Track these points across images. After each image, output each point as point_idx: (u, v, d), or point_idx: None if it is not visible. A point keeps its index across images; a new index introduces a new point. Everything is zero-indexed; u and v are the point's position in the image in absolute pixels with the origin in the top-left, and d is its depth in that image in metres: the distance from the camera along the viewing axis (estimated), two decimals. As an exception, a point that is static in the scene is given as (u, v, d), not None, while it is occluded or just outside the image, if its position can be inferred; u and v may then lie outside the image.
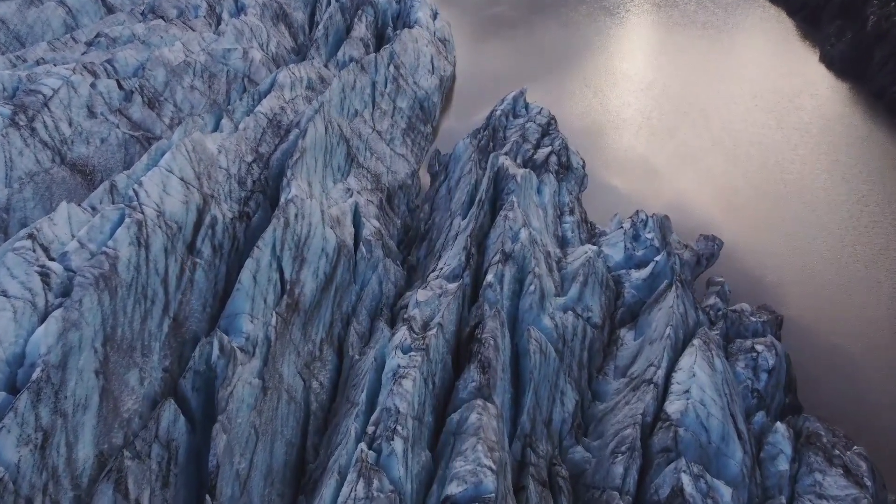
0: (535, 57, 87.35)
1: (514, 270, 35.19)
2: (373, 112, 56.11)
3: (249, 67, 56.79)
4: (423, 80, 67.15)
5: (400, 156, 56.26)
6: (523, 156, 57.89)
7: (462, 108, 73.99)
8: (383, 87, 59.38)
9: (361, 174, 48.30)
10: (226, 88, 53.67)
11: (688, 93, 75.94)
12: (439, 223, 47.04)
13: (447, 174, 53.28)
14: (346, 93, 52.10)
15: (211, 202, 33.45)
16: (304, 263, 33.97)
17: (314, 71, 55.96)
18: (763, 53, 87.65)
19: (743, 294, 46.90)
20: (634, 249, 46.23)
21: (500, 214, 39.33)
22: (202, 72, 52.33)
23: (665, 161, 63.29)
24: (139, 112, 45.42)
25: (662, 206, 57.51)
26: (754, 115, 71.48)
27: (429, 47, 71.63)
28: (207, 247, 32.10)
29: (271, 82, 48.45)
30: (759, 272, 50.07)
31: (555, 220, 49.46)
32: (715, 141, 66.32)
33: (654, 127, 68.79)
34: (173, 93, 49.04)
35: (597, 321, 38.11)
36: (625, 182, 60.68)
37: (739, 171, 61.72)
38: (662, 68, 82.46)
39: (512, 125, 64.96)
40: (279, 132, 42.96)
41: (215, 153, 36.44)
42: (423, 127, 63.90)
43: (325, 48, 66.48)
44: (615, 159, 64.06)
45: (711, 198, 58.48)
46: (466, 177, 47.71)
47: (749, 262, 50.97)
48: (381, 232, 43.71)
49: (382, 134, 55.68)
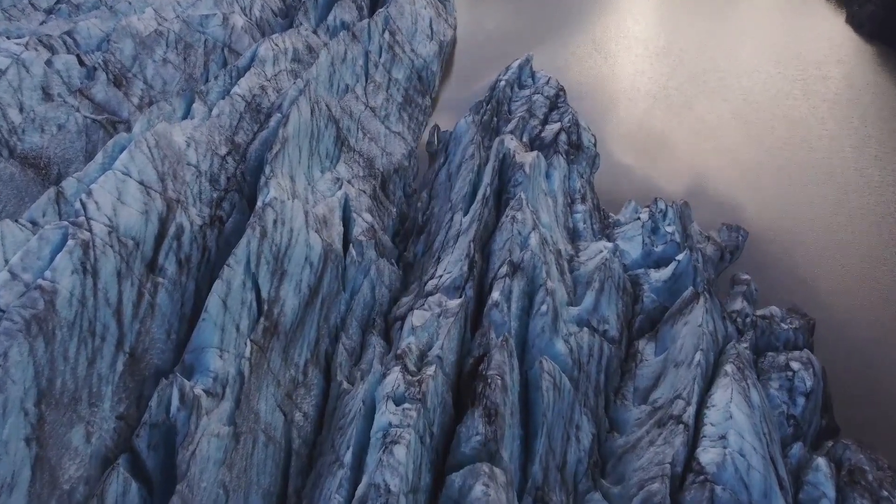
0: (541, 15, 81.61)
1: (523, 284, 31.11)
2: (366, 86, 51.20)
3: (230, 35, 51.62)
4: (421, 47, 61.88)
5: (396, 134, 51.55)
6: (530, 133, 53.17)
7: (464, 75, 68.81)
8: (377, 57, 54.29)
9: (353, 159, 43.78)
10: (203, 60, 48.66)
11: (705, 59, 70.64)
12: (438, 215, 42.74)
13: (447, 156, 48.70)
14: (335, 66, 47.14)
15: (177, 208, 29.13)
16: (284, 277, 29.85)
17: (301, 40, 50.82)
18: (784, 14, 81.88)
19: (770, 290, 42.89)
20: (653, 244, 42.04)
21: (507, 214, 35.04)
22: (176, 42, 47.27)
23: (682, 136, 58.56)
24: (103, 92, 40.64)
25: (680, 189, 53.19)
26: (777, 83, 66.41)
27: (427, 10, 66.08)
28: (172, 263, 27.93)
29: (251, 57, 43.51)
30: (787, 265, 45.95)
31: (565, 209, 45.15)
32: (735, 113, 61.47)
33: (670, 98, 63.78)
34: (143, 68, 44.14)
35: (614, 334, 34.19)
36: (639, 160, 56.05)
37: (763, 148, 57.05)
38: (678, 31, 76.86)
39: (517, 97, 60.01)
40: (259, 117, 38.32)
41: (183, 147, 31.94)
42: (422, 99, 58.96)
43: (314, 12, 60.98)
44: (629, 134, 59.29)
45: (733, 178, 53.95)
46: (468, 162, 43.19)
47: (775, 254, 46.83)
48: (373, 227, 39.46)
49: (376, 110, 50.88)
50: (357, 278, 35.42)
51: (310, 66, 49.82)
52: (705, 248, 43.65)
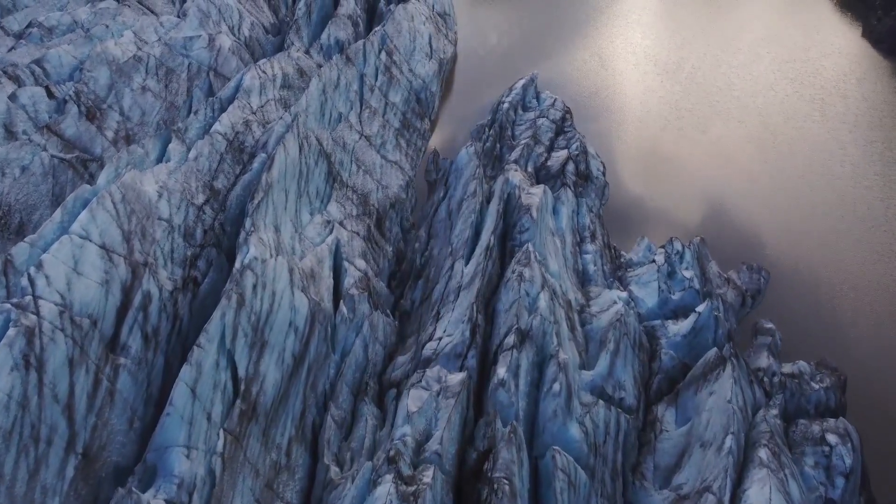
0: (545, 27, 78.33)
1: (532, 354, 27.95)
2: (360, 113, 47.98)
3: (216, 58, 48.42)
4: (419, 67, 58.65)
5: (392, 163, 48.36)
6: (535, 162, 50.01)
7: (465, 93, 65.53)
8: (373, 80, 51.06)
9: (346, 196, 40.57)
10: (186, 86, 45.46)
11: (719, 76, 67.38)
12: (437, 258, 39.57)
13: (447, 190, 45.50)
14: (327, 94, 43.92)
15: (143, 273, 25.98)
16: (264, 349, 26.68)
17: (291, 63, 47.60)
18: (799, 27, 78.55)
19: (795, 338, 39.70)
20: (670, 291, 38.88)
21: (514, 270, 31.85)
22: (157, 68, 44.06)
23: (696, 162, 55.31)
24: (74, 127, 37.47)
25: (695, 221, 50.03)
26: (795, 104, 63.16)
27: (427, 25, 62.85)
28: (136, 338, 24.78)
29: (235, 87, 40.32)
30: (812, 308, 42.74)
31: (574, 248, 41.98)
32: (752, 137, 58.25)
33: (682, 119, 60.54)
34: (119, 97, 40.95)
35: (631, 402, 31.03)
36: (651, 189, 52.79)
37: (782, 175, 53.81)
38: (688, 45, 73.59)
39: (522, 120, 56.85)
40: (242, 157, 35.14)
41: (154, 199, 28.78)
42: (420, 123, 55.74)
43: (307, 30, 57.76)
44: (639, 160, 56.04)
45: (751, 209, 50.69)
46: (470, 200, 39.99)
47: (799, 295, 43.59)
48: (367, 275, 36.30)
49: (372, 139, 47.66)
50: (348, 337, 32.27)
51: (301, 91, 46.66)
52: (725, 293, 40.47)
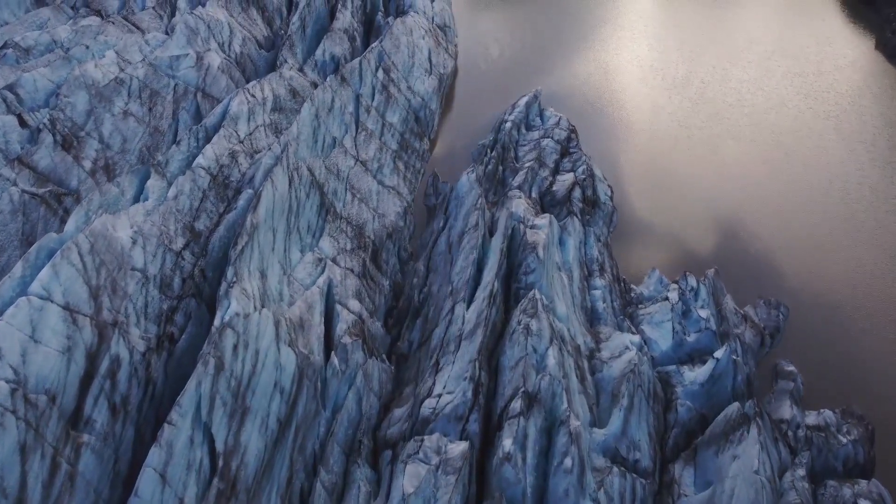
0: (549, 38, 75.93)
1: (540, 420, 25.53)
2: (356, 136, 45.54)
3: (204, 78, 46.00)
4: (418, 84, 56.23)
5: (390, 189, 45.92)
6: (539, 187, 47.62)
7: (466, 109, 63.10)
8: (370, 101, 48.63)
9: (339, 229, 38.15)
10: (172, 109, 43.04)
11: (729, 91, 64.96)
12: (437, 296, 37.15)
13: (447, 219, 43.12)
14: (320, 119, 41.49)
15: (112, 335, 23.57)
16: (246, 417, 24.25)
17: (283, 84, 45.19)
18: (810, 38, 76.14)
19: (817, 380, 37.43)
20: (684, 332, 36.48)
21: (520, 321, 29.39)
22: (140, 90, 41.64)
23: (708, 185, 52.85)
24: (48, 157, 35.05)
25: (707, 248, 47.63)
26: (809, 121, 60.76)
27: (426, 39, 60.43)
28: (102, 411, 22.37)
29: (222, 113, 37.89)
30: (833, 345, 40.25)
31: (582, 283, 39.59)
32: (766, 158, 55.82)
33: (693, 138, 58.12)
34: (99, 123, 38.54)
35: (647, 464, 28.60)
36: (661, 214, 50.34)
37: (798, 199, 51.38)
38: (697, 58, 71.16)
39: (525, 140, 54.47)
40: (226, 193, 32.71)
41: (128, 246, 26.36)
42: (419, 143, 53.31)
43: (301, 45, 55.37)
44: (648, 182, 53.56)
45: (766, 236, 48.26)
46: (471, 234, 37.56)
47: (819, 332, 41.15)
48: (361, 318, 33.88)
49: (368, 163, 45.24)
50: (340, 391, 29.86)
51: (294, 113, 44.32)
52: (743, 332, 38.08)
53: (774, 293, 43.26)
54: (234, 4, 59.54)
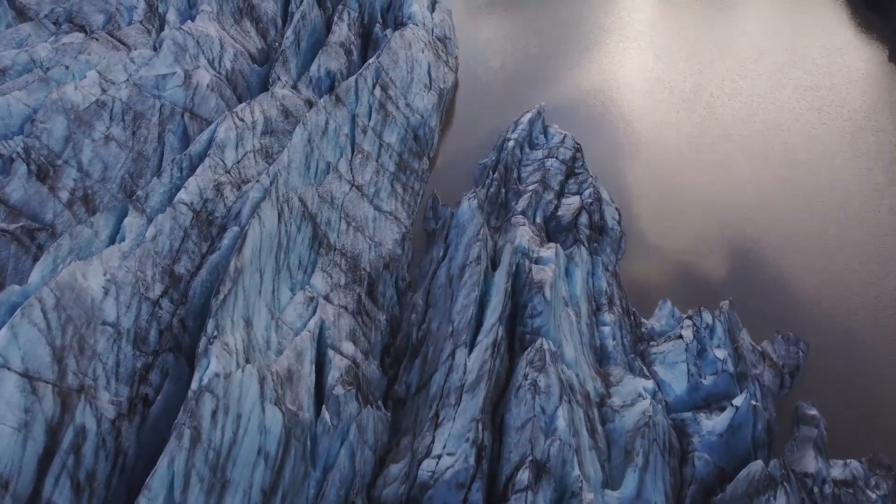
0: (552, 50, 73.73)
1: (550, 491, 23.31)
2: (352, 159, 43.33)
3: (193, 98, 43.80)
4: (417, 100, 54.02)
5: (387, 214, 43.71)
6: (544, 211, 45.44)
7: (467, 124, 60.90)
8: (366, 121, 46.41)
9: (333, 262, 35.93)
10: (158, 132, 40.84)
11: (739, 106, 62.74)
12: (436, 334, 34.95)
13: (447, 248, 40.91)
14: (313, 143, 39.28)
15: (77, 402, 21.36)
16: (226, 491, 22.03)
17: (274, 105, 42.98)
18: (821, 49, 73.87)
19: (840, 424, 35.20)
20: (700, 374, 34.25)
21: (527, 375, 27.17)
22: (123, 113, 39.44)
23: (720, 207, 50.61)
24: (21, 189, 32.86)
25: (720, 276, 45.40)
26: (823, 138, 58.54)
27: (426, 53, 58.22)
28: (64, 491, 20.15)
29: (208, 140, 35.68)
30: (856, 386, 38.03)
31: (590, 319, 37.39)
32: (779, 178, 53.58)
33: (702, 156, 55.89)
34: (78, 150, 36.32)
35: (664, 530, 26.42)
36: (670, 238, 48.11)
37: (814, 222, 49.14)
38: (705, 71, 68.92)
39: (528, 159, 52.26)
40: (210, 231, 30.49)
41: (99, 298, 24.15)
42: (418, 163, 51.10)
43: (295, 60, 53.16)
44: (656, 203, 51.31)
45: (781, 262, 46.08)
46: (472, 268, 35.31)
47: (840, 369, 38.90)
48: (355, 362, 31.67)
49: (364, 188, 43.03)
50: (332, 448, 27.65)
51: (286, 135, 42.11)
52: (762, 373, 35.90)
53: (792, 325, 41.17)
54: (226, 16, 57.43)
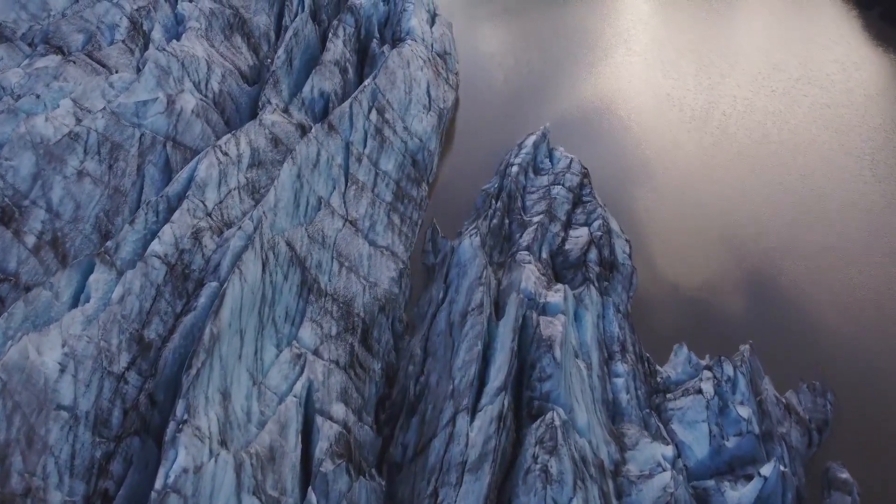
0: (557, 65, 70.91)
1: None
2: (345, 192, 40.56)
3: (176, 125, 41.03)
4: (416, 123, 51.24)
5: (383, 250, 40.93)
6: (550, 245, 42.68)
7: (468, 145, 58.08)
8: (361, 148, 43.64)
9: (323, 310, 33.14)
10: (137, 164, 38.07)
11: (753, 126, 59.91)
12: (436, 391, 32.16)
13: (447, 288, 38.13)
14: (303, 178, 36.50)
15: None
16: None
17: (263, 134, 40.19)
18: (836, 64, 71.04)
19: (872, 483, 32.50)
20: (722, 435, 31.48)
21: (535, 456, 24.38)
22: (99, 145, 36.67)
23: (736, 238, 47.83)
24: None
25: (738, 315, 42.56)
26: (842, 161, 55.75)
27: (425, 71, 55.42)
28: None
29: (188, 178, 32.88)
30: (891, 442, 35.37)
31: (601, 369, 34.60)
32: (799, 205, 50.75)
33: (716, 182, 53.06)
34: (47, 189, 33.55)
35: None
36: (683, 272, 45.38)
37: (835, 255, 46.31)
38: (717, 87, 66.10)
39: (533, 186, 49.46)
40: (186, 287, 27.69)
41: (54, 377, 21.38)
42: (417, 190, 48.32)
43: (287, 80, 50.36)
44: (668, 232, 48.54)
45: (802, 299, 43.35)
46: (475, 316, 32.50)
47: (871, 424, 36.16)
48: (347, 427, 28.88)
49: (359, 222, 40.26)
50: (319, 533, 24.87)
51: (275, 165, 39.35)
52: (789, 431, 33.13)
53: (816, 368, 38.58)
54: (215, 32, 54.67)
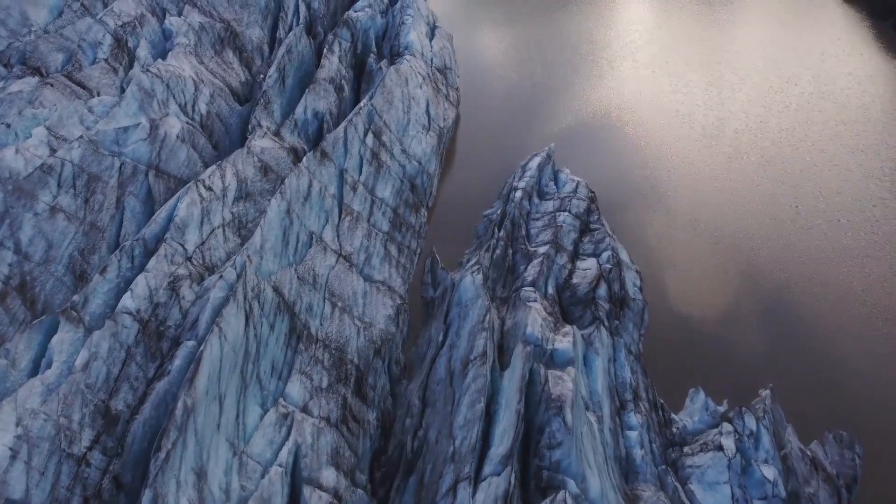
0: (560, 77, 68.45)
1: None
2: (339, 224, 38.11)
3: (160, 151, 38.58)
4: (415, 144, 48.78)
5: (379, 285, 38.49)
6: (557, 279, 40.24)
7: (469, 165, 55.62)
8: (356, 176, 41.18)
9: (313, 360, 30.69)
10: (116, 196, 35.62)
11: (768, 146, 57.40)
12: (434, 448, 29.72)
13: (447, 330, 35.69)
14: (293, 214, 34.05)
15: None
16: None
17: (251, 162, 37.74)
18: (851, 77, 68.51)
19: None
20: (746, 498, 29.04)
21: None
22: (75, 177, 34.23)
23: (751, 266, 45.43)
24: (-59, 285, 27.64)
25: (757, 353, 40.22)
26: (859, 182, 53.32)
27: (424, 88, 52.96)
28: None
29: (167, 218, 30.44)
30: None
31: (613, 420, 32.16)
32: (812, 228, 48.32)
33: (729, 204, 50.61)
34: (16, 228, 31.09)
35: None
36: (696, 304, 43.05)
37: (859, 287, 43.92)
38: (729, 102, 63.60)
39: (538, 212, 46.95)
40: (160, 347, 25.24)
41: (3, 465, 18.92)
42: (415, 217, 45.86)
43: (280, 100, 47.89)
44: (678, 261, 46.17)
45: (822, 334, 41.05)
46: (477, 367, 30.04)
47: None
48: (338, 497, 26.44)
49: (353, 256, 37.82)
50: None
51: (265, 195, 36.96)
52: (816, 491, 30.68)
53: (841, 413, 36.34)
54: (205, 48, 52.20)
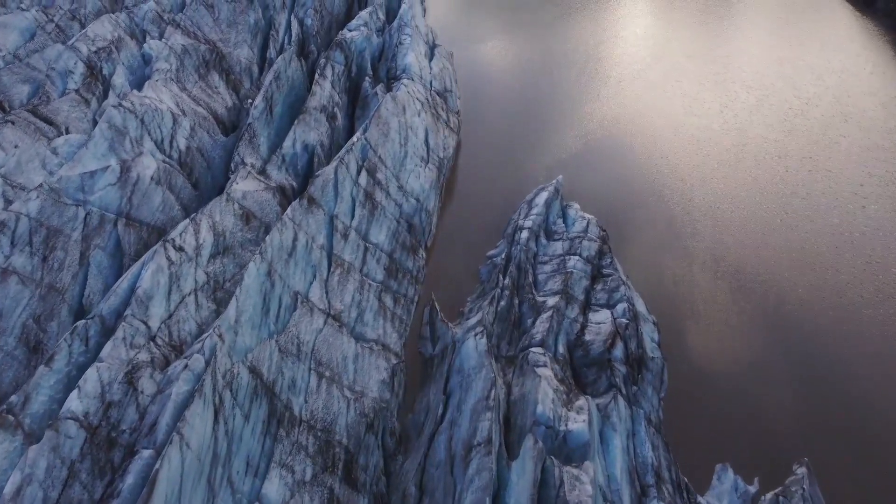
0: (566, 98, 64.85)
1: None
2: (328, 278, 34.54)
3: (130, 197, 35.03)
4: (412, 179, 45.20)
5: (372, 345, 34.93)
6: (568, 335, 36.76)
7: (471, 197, 51.88)
8: (348, 221, 37.60)
9: (296, 447, 27.12)
10: (80, 252, 32.05)
11: (788, 175, 53.76)
12: (434, 550, 26.22)
13: (448, 400, 32.14)
14: (274, 276, 30.47)
15: None
16: None
17: (231, 210, 34.15)
18: (872, 97, 64.89)
19: None
20: None
21: None
22: (31, 233, 30.67)
23: (780, 317, 41.84)
24: None
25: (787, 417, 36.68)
26: (880, 203, 49.85)
27: (422, 116, 49.37)
28: None
29: (128, 289, 26.85)
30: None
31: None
32: (850, 271, 44.68)
33: (750, 242, 47.01)
34: (-39, 298, 27.55)
35: None
36: (719, 360, 39.51)
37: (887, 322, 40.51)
38: (744, 127, 59.95)
39: (545, 254, 43.42)
40: (111, 460, 21.64)
41: None
42: (413, 261, 42.28)
43: (266, 132, 44.30)
44: (698, 309, 42.56)
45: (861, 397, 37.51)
46: (481, 457, 26.48)
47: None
48: None
49: (344, 314, 34.24)
50: None
51: (248, 246, 33.42)
52: None
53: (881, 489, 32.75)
54: (188, 72, 48.69)
